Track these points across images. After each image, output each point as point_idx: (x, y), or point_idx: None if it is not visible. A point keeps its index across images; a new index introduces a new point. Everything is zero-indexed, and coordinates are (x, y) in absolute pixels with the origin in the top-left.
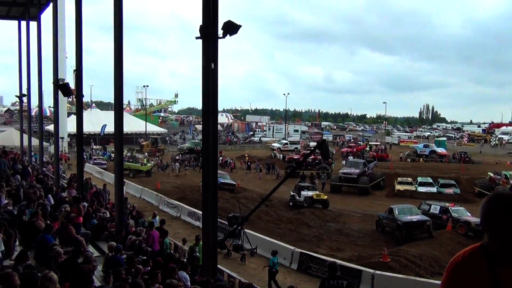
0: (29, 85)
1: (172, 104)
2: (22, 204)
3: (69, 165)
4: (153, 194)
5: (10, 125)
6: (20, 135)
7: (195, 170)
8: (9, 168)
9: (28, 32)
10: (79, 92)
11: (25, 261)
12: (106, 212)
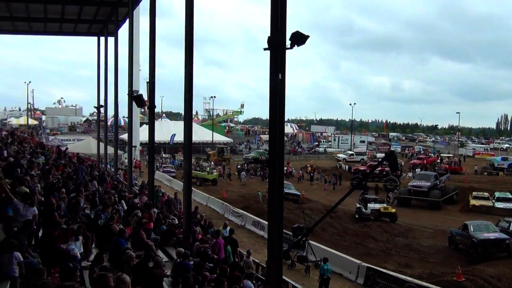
0: (106, 97)
1: (238, 114)
2: (98, 209)
3: (140, 172)
4: (219, 203)
5: (88, 134)
6: (97, 143)
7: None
8: (87, 175)
9: (106, 47)
10: (151, 103)
11: (101, 263)
12: (174, 218)
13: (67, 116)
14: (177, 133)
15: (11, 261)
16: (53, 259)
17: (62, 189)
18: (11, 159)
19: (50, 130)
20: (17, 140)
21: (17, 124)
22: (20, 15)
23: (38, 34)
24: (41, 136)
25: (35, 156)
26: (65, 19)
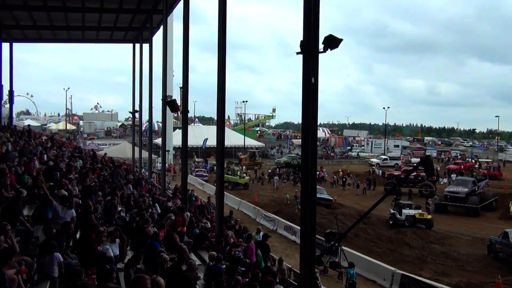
0: (141, 102)
1: (270, 118)
2: (133, 212)
3: (173, 176)
4: (251, 207)
5: (123, 138)
6: (132, 147)
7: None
8: (122, 178)
9: (141, 53)
10: (185, 107)
11: (136, 265)
12: (207, 222)
13: (103, 121)
14: (210, 137)
15: (52, 262)
16: (90, 261)
17: (98, 192)
18: (50, 163)
19: (87, 135)
20: (56, 145)
21: (56, 129)
22: (59, 24)
23: (76, 42)
24: (79, 140)
25: (73, 160)
26: (102, 27)
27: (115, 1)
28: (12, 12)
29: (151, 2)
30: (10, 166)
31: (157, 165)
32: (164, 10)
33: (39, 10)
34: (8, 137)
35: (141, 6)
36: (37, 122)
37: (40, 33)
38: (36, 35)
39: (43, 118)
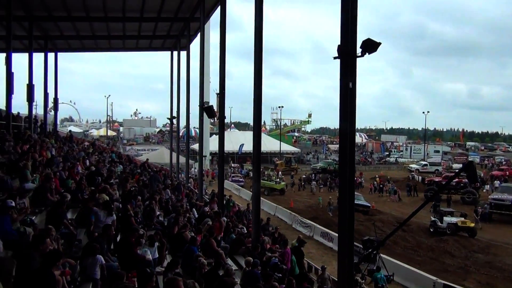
0: (178, 108)
1: (306, 124)
2: (171, 216)
3: (210, 181)
4: (287, 213)
5: (161, 144)
6: (170, 153)
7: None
8: (161, 183)
9: (178, 60)
10: (221, 113)
11: (175, 269)
12: (243, 227)
13: (142, 127)
14: (245, 143)
15: (94, 264)
16: (130, 264)
17: (138, 197)
18: (92, 168)
19: (127, 141)
20: (97, 150)
21: (97, 135)
22: (101, 33)
23: (117, 51)
24: (119, 146)
25: (113, 165)
26: (141, 35)
27: (154, 10)
28: (57, 23)
29: (189, 10)
30: (55, 171)
31: (194, 170)
32: (201, 17)
33: (82, 20)
34: (53, 143)
35: (179, 14)
36: (80, 128)
37: (83, 42)
38: (79, 45)
39: (85, 124)
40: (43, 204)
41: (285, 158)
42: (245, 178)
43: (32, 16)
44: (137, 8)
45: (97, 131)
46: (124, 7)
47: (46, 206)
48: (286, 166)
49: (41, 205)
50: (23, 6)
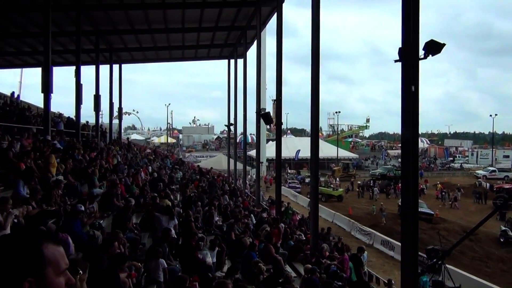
0: (236, 115)
1: (363, 129)
2: (230, 222)
3: (267, 187)
4: (345, 220)
5: (219, 150)
6: (227, 159)
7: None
8: (219, 189)
9: (235, 68)
10: (278, 120)
11: (234, 275)
12: (301, 234)
13: (200, 135)
14: (302, 149)
15: (157, 267)
16: (191, 268)
17: (198, 202)
18: (155, 174)
19: (186, 148)
20: (159, 157)
21: (158, 142)
22: (162, 44)
23: (176, 61)
24: (178, 153)
25: (174, 171)
26: (200, 45)
27: (212, 20)
28: (121, 37)
29: (245, 18)
30: (120, 177)
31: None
32: (258, 25)
33: (144, 33)
34: (118, 150)
35: (236, 23)
36: (142, 136)
37: (145, 54)
38: (141, 56)
39: (147, 132)
40: (109, 208)
41: (342, 164)
42: (301, 184)
43: (99, 31)
44: (195, 19)
45: (158, 138)
46: (184, 18)
47: (113, 211)
48: (343, 172)
49: (108, 210)
50: (90, 21)
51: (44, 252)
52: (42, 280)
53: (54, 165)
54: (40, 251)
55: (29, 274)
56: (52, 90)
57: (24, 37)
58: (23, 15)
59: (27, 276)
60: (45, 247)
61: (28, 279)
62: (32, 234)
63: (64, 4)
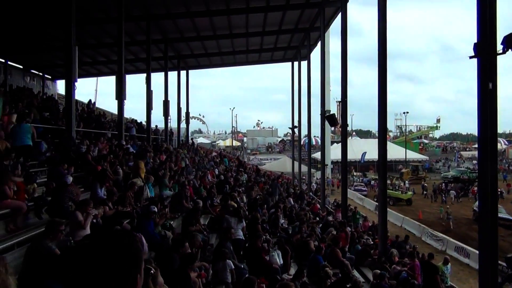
0: (300, 118)
1: (433, 130)
2: (296, 224)
3: (332, 190)
4: (415, 224)
5: (283, 153)
6: (292, 162)
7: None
8: (284, 191)
9: (299, 71)
10: (344, 122)
11: (301, 278)
12: (369, 238)
13: (264, 137)
14: (368, 151)
15: (225, 268)
16: (258, 269)
17: (264, 205)
18: (221, 177)
19: (251, 150)
20: None
21: (224, 145)
22: (227, 50)
23: (240, 65)
24: (243, 156)
25: (239, 174)
26: (263, 49)
27: (275, 23)
28: (188, 44)
29: (309, 20)
30: (189, 179)
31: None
32: (322, 27)
33: (210, 39)
34: (186, 153)
35: (299, 25)
36: (208, 139)
37: (210, 59)
38: (207, 62)
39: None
40: (179, 210)
41: (411, 167)
42: (367, 187)
43: (167, 39)
44: (259, 23)
45: (224, 141)
46: (248, 23)
47: (182, 212)
48: (412, 174)
49: (178, 211)
50: (159, 30)
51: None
52: (130, 279)
53: (143, 170)
54: (140, 248)
55: (138, 269)
56: (125, 96)
57: (99, 48)
58: (98, 27)
59: (138, 271)
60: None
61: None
62: (130, 233)
63: (135, 15)
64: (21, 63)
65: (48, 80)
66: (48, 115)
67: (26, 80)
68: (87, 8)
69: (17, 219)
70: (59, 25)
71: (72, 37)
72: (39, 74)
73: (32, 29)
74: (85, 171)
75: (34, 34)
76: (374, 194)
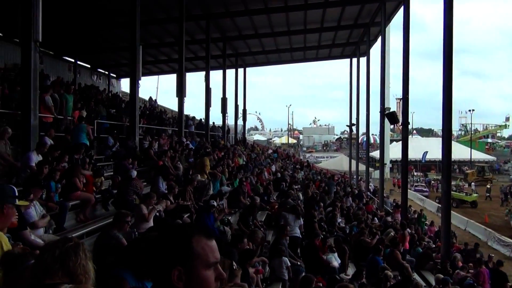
0: (358, 115)
1: (502, 129)
2: (353, 224)
3: (390, 190)
4: (481, 228)
5: (339, 151)
6: (349, 160)
7: None
8: (341, 190)
9: (358, 67)
10: (405, 119)
11: (360, 279)
12: (430, 241)
13: (321, 135)
14: (429, 150)
15: (281, 265)
16: (315, 268)
17: (320, 203)
18: (278, 174)
19: (307, 148)
20: (281, 157)
21: (279, 143)
22: (284, 47)
23: (298, 62)
24: (299, 153)
25: (296, 171)
26: (321, 45)
27: (334, 19)
28: (246, 41)
29: (369, 15)
30: (246, 176)
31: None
32: (382, 21)
33: (267, 36)
34: (243, 150)
35: (359, 21)
36: (264, 136)
37: (268, 57)
38: (264, 59)
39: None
40: (236, 206)
41: (477, 167)
42: (429, 187)
43: (226, 37)
44: (317, 19)
45: (279, 139)
46: (306, 19)
47: (239, 208)
48: (478, 176)
49: (235, 207)
50: (218, 29)
51: (193, 245)
52: (190, 271)
53: (208, 167)
54: (189, 243)
55: (178, 263)
56: (185, 94)
57: (161, 47)
58: (160, 27)
59: (176, 264)
60: (195, 240)
61: (178, 268)
62: (184, 227)
63: (195, 14)
64: (89, 63)
65: (113, 78)
66: (114, 112)
67: (93, 78)
68: (150, 9)
69: (86, 210)
70: (124, 26)
71: (136, 37)
72: (105, 73)
73: (99, 30)
74: (147, 165)
75: (101, 35)
76: (436, 195)
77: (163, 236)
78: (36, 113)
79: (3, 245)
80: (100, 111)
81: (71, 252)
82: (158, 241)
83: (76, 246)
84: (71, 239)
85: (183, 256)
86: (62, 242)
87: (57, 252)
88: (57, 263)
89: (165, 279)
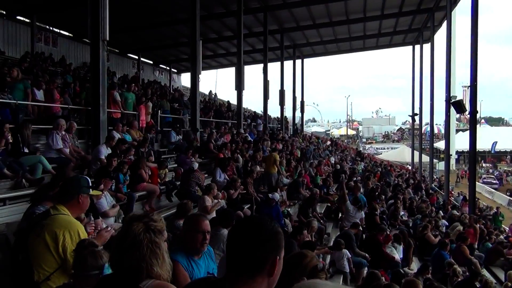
0: (421, 104)
1: None
2: (417, 217)
3: (456, 182)
4: None
5: (401, 142)
6: (412, 151)
7: None
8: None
9: (421, 54)
10: (473, 108)
11: (425, 274)
12: (500, 235)
13: (381, 126)
14: (499, 140)
15: (341, 258)
16: (377, 262)
17: (381, 196)
18: (337, 166)
19: (366, 139)
20: (339, 149)
21: (338, 134)
22: (342, 36)
23: (357, 51)
24: (358, 144)
25: (355, 163)
26: (381, 33)
27: (395, 5)
28: (303, 32)
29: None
30: (306, 168)
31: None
32: (448, 5)
33: (325, 26)
34: (301, 142)
35: (422, 6)
36: (322, 128)
37: (326, 47)
38: (323, 50)
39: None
40: (296, 197)
41: None
42: (499, 180)
43: (283, 29)
44: (377, 6)
45: (338, 130)
46: (365, 7)
47: (298, 200)
48: None
49: (294, 199)
50: (276, 21)
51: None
52: (280, 260)
53: (278, 161)
54: (282, 234)
55: (278, 253)
56: (243, 87)
57: (220, 41)
58: (219, 21)
59: (277, 254)
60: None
61: (279, 254)
62: (272, 219)
63: (253, 7)
64: (151, 59)
65: (174, 73)
66: (177, 106)
67: (155, 74)
68: (209, 4)
69: (151, 201)
70: (185, 22)
71: (197, 33)
72: (166, 69)
73: (160, 27)
74: (208, 158)
75: (163, 32)
76: (507, 188)
77: (250, 227)
78: (105, 108)
79: (80, 234)
80: (163, 105)
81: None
82: (245, 232)
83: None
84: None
85: (281, 245)
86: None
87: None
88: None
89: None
